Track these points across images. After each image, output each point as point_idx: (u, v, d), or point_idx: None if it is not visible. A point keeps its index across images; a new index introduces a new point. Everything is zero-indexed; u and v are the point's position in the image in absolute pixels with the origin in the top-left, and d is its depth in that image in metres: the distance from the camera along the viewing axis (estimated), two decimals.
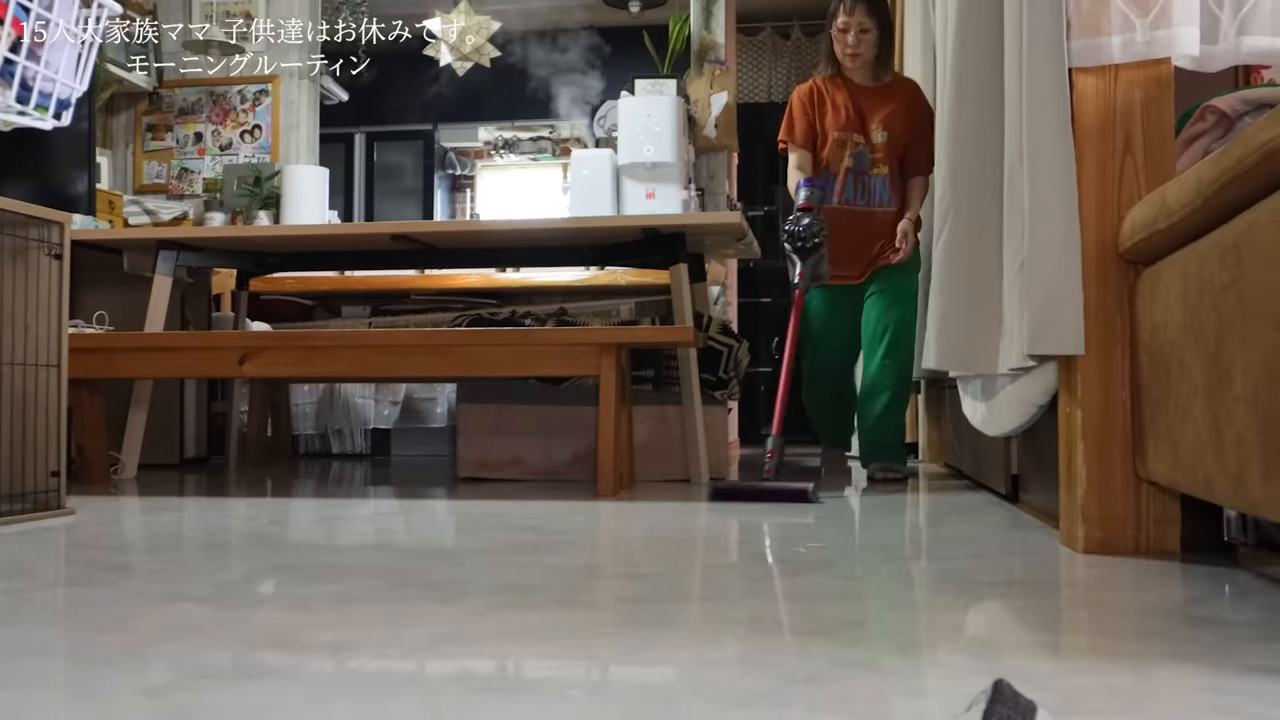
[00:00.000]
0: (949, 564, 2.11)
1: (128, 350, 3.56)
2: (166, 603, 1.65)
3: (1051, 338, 2.13)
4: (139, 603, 1.65)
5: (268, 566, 2.04)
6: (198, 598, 1.70)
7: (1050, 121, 2.14)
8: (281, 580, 1.88)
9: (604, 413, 3.37)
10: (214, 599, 1.69)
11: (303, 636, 1.41)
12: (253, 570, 2.01)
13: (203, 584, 1.82)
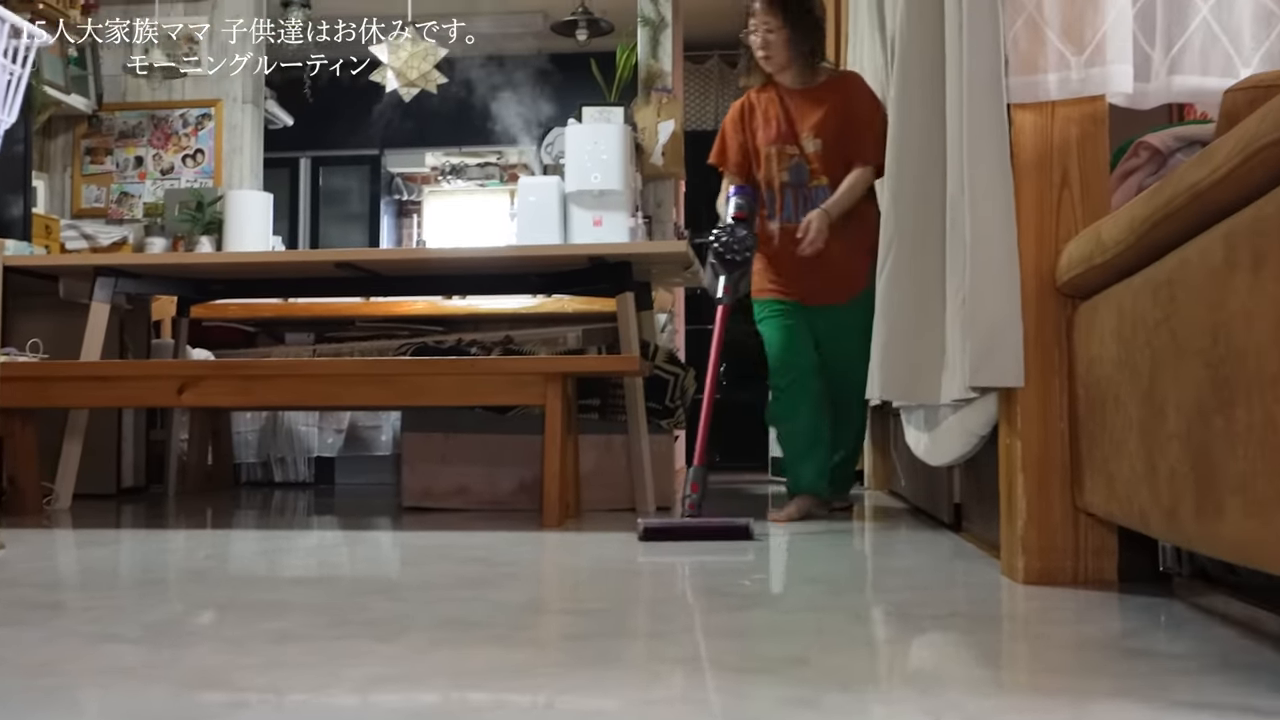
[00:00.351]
0: (892, 596, 2.11)
1: (62, 379, 3.49)
2: (98, 643, 1.61)
3: (992, 370, 2.15)
4: (69, 644, 1.61)
5: (204, 604, 2.01)
6: (131, 638, 1.66)
7: (990, 156, 2.16)
8: (218, 618, 1.85)
9: (549, 443, 3.35)
10: (147, 639, 1.65)
11: (238, 678, 1.38)
12: (189, 608, 1.98)
13: (136, 623, 1.79)
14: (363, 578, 2.36)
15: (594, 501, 3.87)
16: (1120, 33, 2.10)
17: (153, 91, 6.12)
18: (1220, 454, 1.34)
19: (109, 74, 6.17)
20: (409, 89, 5.46)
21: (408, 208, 8.60)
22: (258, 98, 6.24)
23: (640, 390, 3.81)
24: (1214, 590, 1.84)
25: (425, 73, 5.41)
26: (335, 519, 3.77)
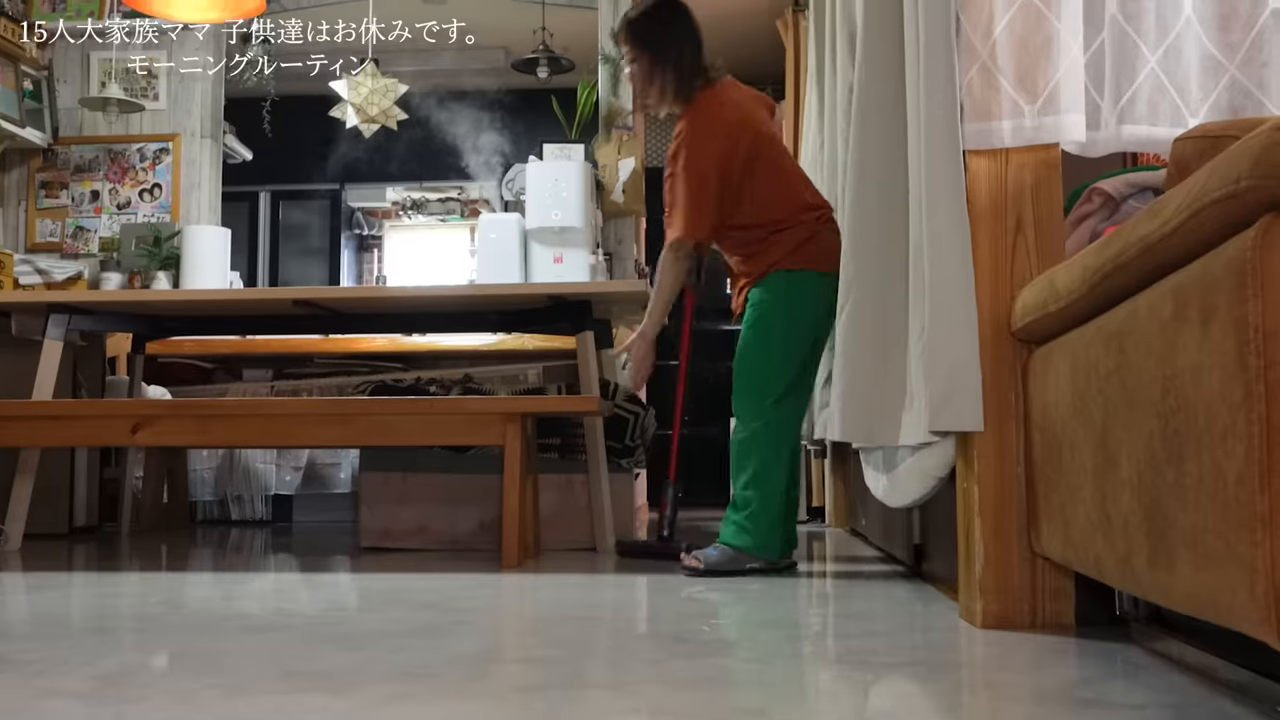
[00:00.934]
0: (851, 642, 2.11)
1: (11, 419, 3.43)
2: (40, 699, 1.58)
3: (952, 414, 2.16)
4: (9, 698, 1.57)
5: (153, 654, 1.97)
6: (75, 692, 1.63)
7: (947, 201, 2.18)
8: (167, 670, 1.82)
9: (509, 483, 3.32)
10: (93, 694, 1.62)
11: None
12: (137, 659, 1.94)
13: (82, 675, 1.75)
14: (317, 624, 2.33)
15: (554, 541, 3.85)
16: (1072, 82, 2.12)
17: (110, 125, 6.07)
18: (1172, 506, 1.35)
19: (65, 107, 6.12)
20: (369, 125, 5.45)
21: (368, 242, 8.56)
22: (216, 132, 6.20)
23: (600, 429, 3.80)
24: (1170, 635, 1.84)
25: (385, 109, 5.41)
26: (291, 560, 3.73)
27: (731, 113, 3.23)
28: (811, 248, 3.23)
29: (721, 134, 3.18)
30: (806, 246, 3.23)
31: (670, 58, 3.23)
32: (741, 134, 3.21)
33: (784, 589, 2.99)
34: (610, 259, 5.48)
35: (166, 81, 6.10)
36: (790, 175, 3.36)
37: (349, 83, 5.35)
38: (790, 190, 3.30)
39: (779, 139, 3.45)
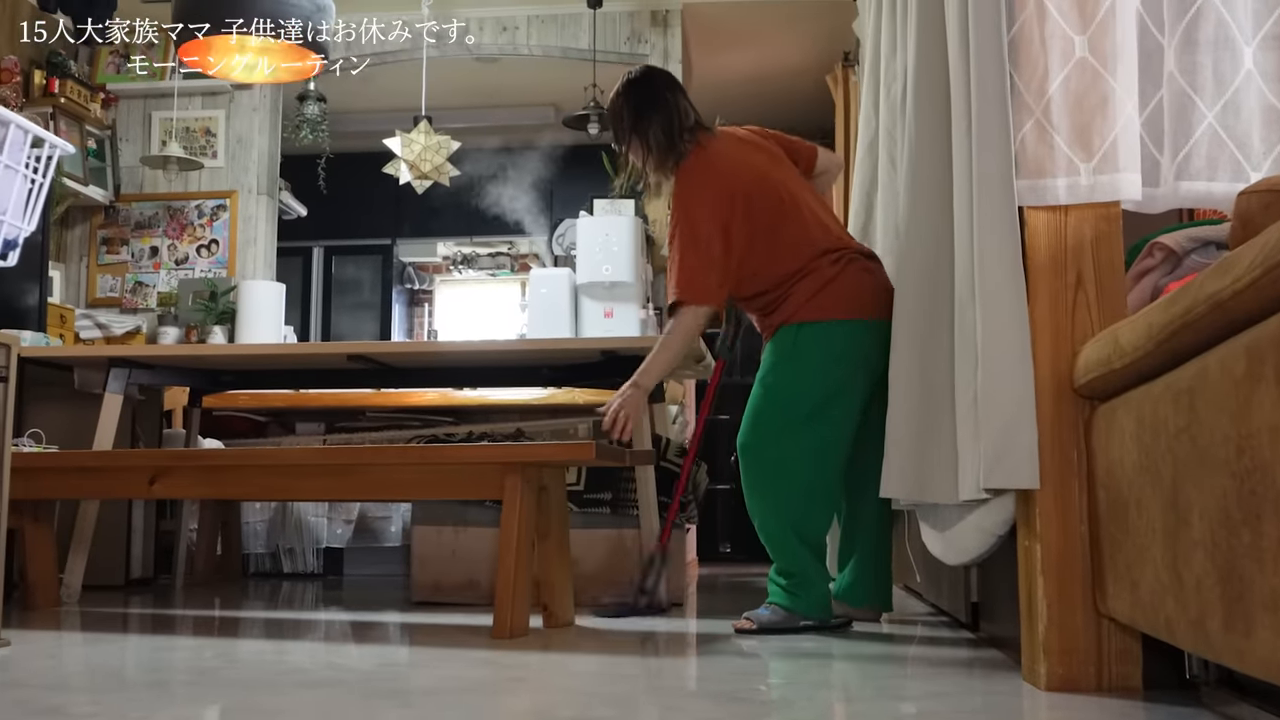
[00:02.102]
0: (914, 704, 2.07)
1: (37, 471, 3.45)
2: None
3: (1006, 471, 2.13)
4: None
5: (210, 709, 1.97)
6: None
7: (1002, 257, 2.16)
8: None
9: (504, 544, 2.95)
10: None
11: None
12: (193, 713, 1.94)
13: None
14: (371, 680, 2.32)
15: (604, 597, 3.82)
16: (1129, 140, 2.11)
17: (169, 183, 6.20)
18: (1249, 568, 1.32)
19: (126, 165, 6.25)
20: (422, 181, 5.51)
21: (419, 297, 8.65)
22: (272, 189, 6.32)
23: (652, 483, 3.79)
24: (1243, 699, 1.79)
25: (438, 165, 5.47)
26: (343, 613, 3.73)
27: (720, 165, 3.20)
28: (828, 296, 3.13)
29: (712, 189, 3.14)
30: (821, 296, 3.13)
31: (642, 133, 3.25)
32: (734, 183, 3.16)
33: (838, 648, 2.95)
34: (660, 314, 5.50)
35: (224, 139, 6.23)
36: (803, 217, 3.21)
37: (402, 140, 5.42)
38: (803, 235, 3.18)
39: (791, 178, 3.31)
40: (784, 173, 3.32)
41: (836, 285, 3.13)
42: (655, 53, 6.01)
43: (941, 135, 2.61)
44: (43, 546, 3.71)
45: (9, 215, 1.33)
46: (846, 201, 5.55)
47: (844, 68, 5.74)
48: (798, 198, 3.25)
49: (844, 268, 3.17)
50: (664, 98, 3.28)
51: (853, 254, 3.22)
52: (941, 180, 2.63)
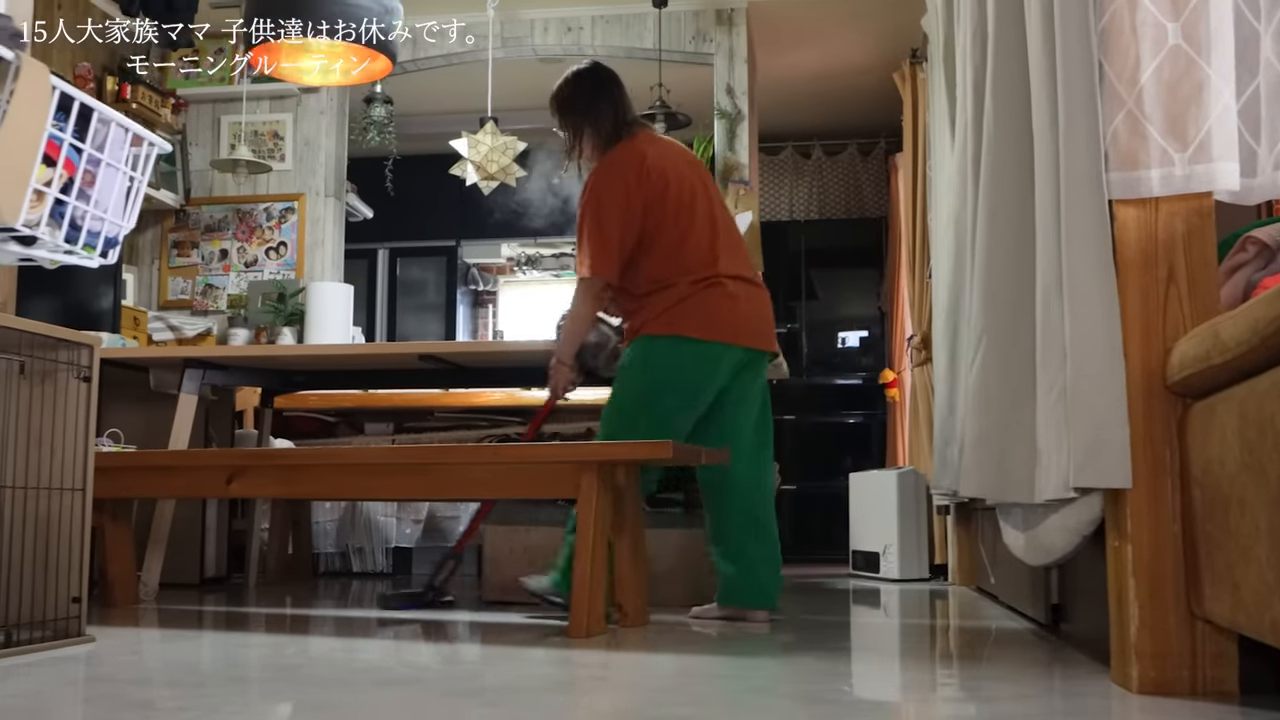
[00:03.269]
0: (1003, 705, 2.03)
1: (118, 470, 3.49)
2: None
3: (1096, 470, 2.09)
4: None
5: (295, 705, 1.98)
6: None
7: (1090, 252, 2.12)
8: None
9: (581, 544, 2.96)
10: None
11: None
12: (280, 710, 1.95)
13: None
14: (450, 678, 2.33)
15: (675, 597, 3.81)
16: (1225, 129, 2.06)
17: (238, 186, 6.27)
18: None
19: (196, 169, 6.34)
20: (488, 182, 5.53)
21: (483, 298, 8.68)
22: (339, 191, 6.37)
23: None
24: None
25: (504, 166, 5.48)
26: (415, 612, 3.74)
27: (637, 159, 3.36)
28: (682, 312, 3.29)
29: (624, 177, 3.33)
30: (678, 310, 3.29)
31: (592, 119, 3.45)
32: (646, 178, 3.32)
33: (918, 647, 2.92)
34: None
35: (292, 142, 6.29)
36: (696, 233, 3.36)
37: (469, 141, 5.45)
38: (688, 249, 3.34)
39: (710, 196, 3.48)
40: (703, 187, 3.47)
41: (690, 304, 3.30)
42: (720, 52, 5.99)
43: (1023, 129, 2.56)
44: (122, 545, 3.77)
45: (110, 213, 1.34)
46: (921, 214, 5.49)
47: (912, 65, 5.68)
48: (702, 214, 3.41)
49: (706, 290, 3.32)
50: (613, 91, 3.50)
51: (725, 279, 3.35)
52: (1022, 175, 2.59)
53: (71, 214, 1.30)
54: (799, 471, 7.65)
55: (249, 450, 3.60)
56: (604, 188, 3.35)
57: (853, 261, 8.22)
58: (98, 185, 1.32)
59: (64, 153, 1.26)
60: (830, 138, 8.14)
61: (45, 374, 2.86)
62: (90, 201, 1.32)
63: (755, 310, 3.43)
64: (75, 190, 1.30)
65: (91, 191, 1.32)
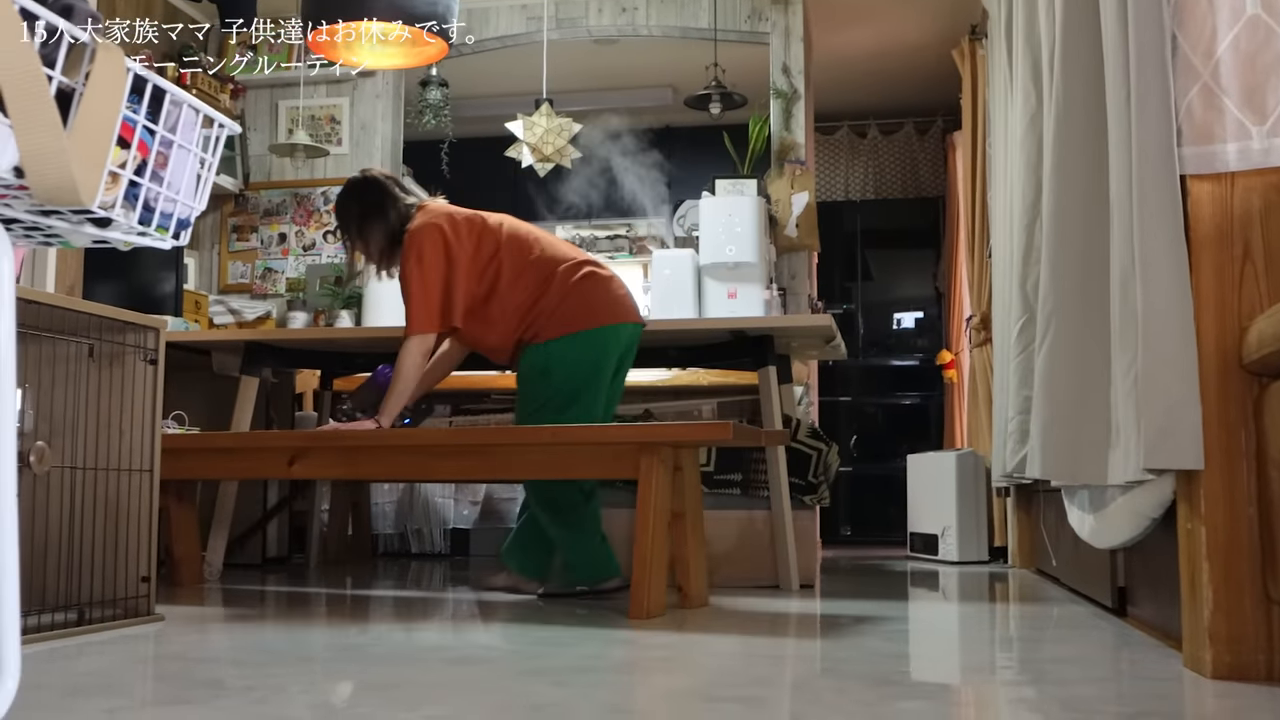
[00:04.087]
0: (1068, 690, 2.01)
1: (185, 452, 3.54)
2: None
3: (1169, 451, 2.05)
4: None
5: (363, 685, 1.99)
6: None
7: (1162, 229, 2.08)
8: (380, 701, 1.83)
9: (641, 526, 2.96)
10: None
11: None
12: (349, 688, 1.97)
13: (300, 705, 1.78)
14: (517, 658, 2.33)
15: (733, 579, 3.81)
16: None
17: (296, 170, 6.32)
18: None
19: (255, 154, 6.39)
20: (544, 164, 5.53)
21: None
22: (396, 174, 6.39)
23: (783, 464, 3.75)
24: None
25: (560, 148, 5.48)
26: (474, 593, 3.77)
27: (441, 216, 3.52)
28: (568, 309, 3.46)
29: (439, 231, 3.46)
30: (563, 308, 3.46)
31: (364, 234, 3.61)
32: (460, 224, 3.50)
33: (980, 629, 2.88)
34: (784, 294, 5.44)
35: (349, 126, 6.32)
36: (543, 240, 3.57)
37: (524, 123, 5.45)
38: (544, 253, 3.52)
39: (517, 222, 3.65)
40: (512, 225, 3.64)
41: (572, 300, 3.46)
42: (776, 31, 5.94)
43: (1094, 104, 2.52)
44: (187, 525, 3.82)
45: (182, 195, 1.35)
46: (981, 193, 5.42)
47: (971, 41, 5.60)
48: (532, 228, 3.65)
49: (581, 280, 3.49)
50: (384, 205, 3.60)
51: (591, 264, 3.55)
52: (1093, 151, 2.55)
53: (145, 195, 1.31)
54: (856, 453, 7.61)
55: (311, 431, 3.63)
56: (420, 247, 3.45)
57: (909, 242, 8.15)
58: (170, 167, 1.33)
59: (138, 135, 1.26)
60: (886, 116, 8.07)
61: (113, 357, 2.91)
62: (163, 183, 1.32)
63: (625, 288, 3.61)
64: (149, 172, 1.30)
65: (164, 173, 1.32)
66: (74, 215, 1.25)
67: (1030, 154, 3.43)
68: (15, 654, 1.17)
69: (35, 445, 2.55)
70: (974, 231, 5.54)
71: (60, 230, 1.29)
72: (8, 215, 1.20)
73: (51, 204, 1.12)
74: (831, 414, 7.50)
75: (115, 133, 1.22)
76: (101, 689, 1.95)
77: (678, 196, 6.76)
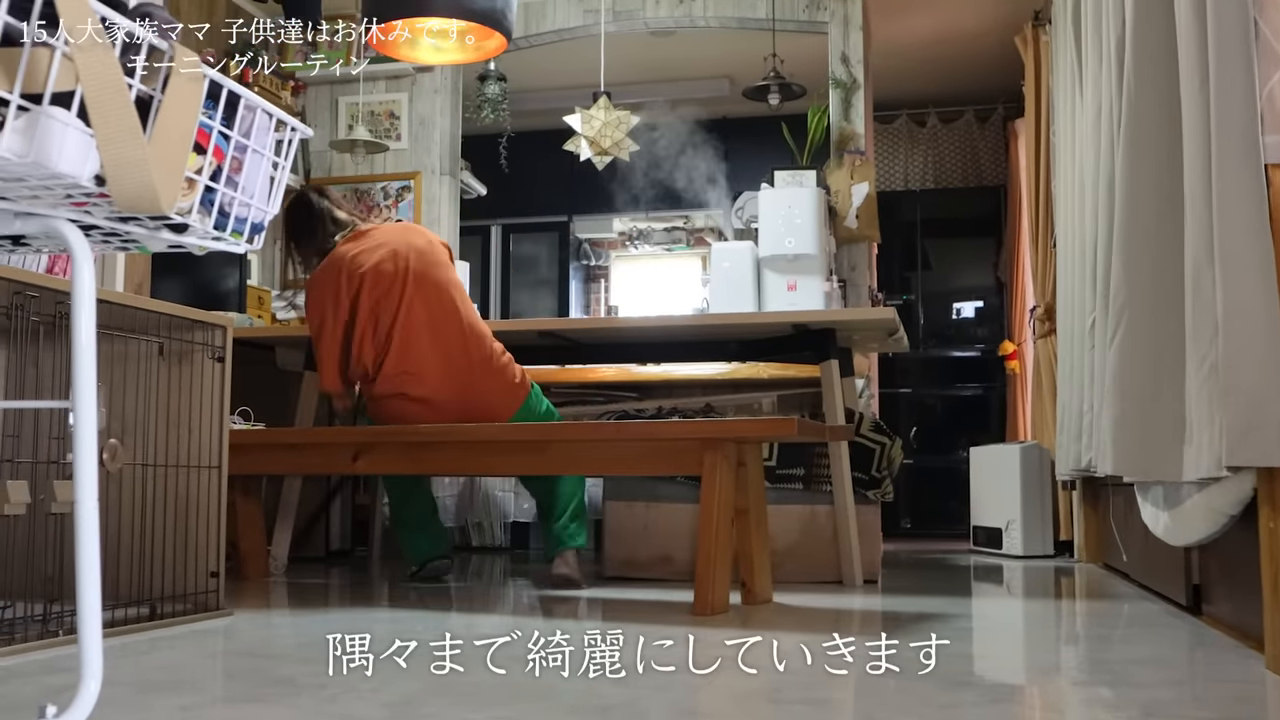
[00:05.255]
0: (1152, 692, 1.97)
1: (252, 447, 3.57)
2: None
3: (1252, 448, 2.00)
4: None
5: (433, 682, 2.00)
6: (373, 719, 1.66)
7: (1244, 219, 2.03)
8: (450, 701, 1.83)
9: (705, 522, 2.94)
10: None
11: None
12: (419, 687, 1.97)
13: (374, 705, 1.79)
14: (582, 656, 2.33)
15: (795, 574, 3.78)
16: None
17: (356, 166, 6.36)
18: None
19: (315, 150, 6.44)
20: (602, 157, 5.52)
21: (595, 273, 8.70)
22: (454, 169, 6.42)
23: (846, 459, 3.72)
24: None
25: (618, 141, 5.47)
26: (536, 589, 3.77)
27: (333, 268, 3.66)
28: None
29: (326, 289, 3.65)
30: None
31: (303, 249, 3.89)
32: (344, 279, 3.61)
33: (1050, 627, 2.84)
34: (844, 286, 5.40)
35: (408, 122, 6.35)
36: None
37: (582, 116, 5.44)
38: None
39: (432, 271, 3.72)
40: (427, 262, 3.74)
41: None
42: (835, 20, 5.88)
43: (1168, 91, 2.46)
44: (253, 520, 3.86)
45: (255, 199, 1.35)
46: (1045, 181, 5.34)
47: (1034, 27, 5.51)
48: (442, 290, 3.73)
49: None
50: (313, 215, 3.82)
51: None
52: (1166, 139, 2.49)
53: (220, 201, 1.31)
54: (916, 445, 7.54)
55: (374, 428, 3.65)
56: (311, 302, 3.71)
57: (969, 231, 8.06)
58: (244, 172, 1.33)
59: (213, 140, 1.27)
60: (946, 105, 7.97)
61: (181, 355, 2.94)
62: (238, 188, 1.33)
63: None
64: (224, 177, 1.31)
65: (239, 178, 1.33)
66: (151, 221, 1.25)
67: (1101, 144, 3.36)
68: (97, 654, 1.18)
69: (109, 443, 2.59)
70: (1037, 220, 5.46)
71: (138, 236, 1.30)
72: (87, 222, 1.21)
73: (132, 211, 1.12)
74: (891, 406, 7.43)
75: (192, 139, 1.23)
76: (174, 685, 1.97)
77: (736, 188, 6.72)
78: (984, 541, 5.43)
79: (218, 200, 1.31)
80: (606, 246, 8.61)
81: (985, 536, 5.42)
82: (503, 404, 3.61)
